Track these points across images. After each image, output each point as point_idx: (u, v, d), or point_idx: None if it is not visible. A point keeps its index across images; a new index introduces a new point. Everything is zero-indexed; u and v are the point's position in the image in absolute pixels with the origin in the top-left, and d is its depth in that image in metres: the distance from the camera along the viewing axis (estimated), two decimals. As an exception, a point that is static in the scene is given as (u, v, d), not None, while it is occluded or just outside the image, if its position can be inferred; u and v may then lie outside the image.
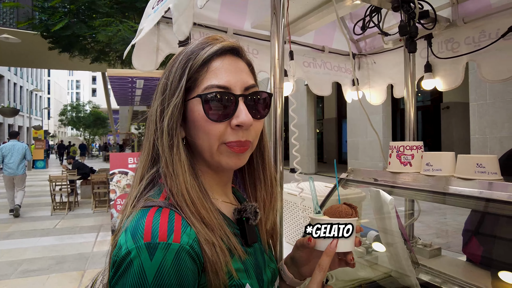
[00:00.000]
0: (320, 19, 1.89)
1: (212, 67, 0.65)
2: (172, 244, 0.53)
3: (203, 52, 0.66)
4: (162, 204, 0.60)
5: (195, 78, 0.65)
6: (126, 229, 0.57)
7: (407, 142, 1.25)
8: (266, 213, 0.78)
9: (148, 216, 0.57)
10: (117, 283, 0.53)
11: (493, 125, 7.29)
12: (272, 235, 0.82)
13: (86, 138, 43.33)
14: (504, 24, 1.83)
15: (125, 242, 0.54)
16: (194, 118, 0.65)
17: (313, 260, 0.78)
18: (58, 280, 4.14)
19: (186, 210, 0.59)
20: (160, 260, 0.51)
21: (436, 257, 1.73)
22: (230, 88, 0.64)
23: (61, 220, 7.09)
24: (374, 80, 2.75)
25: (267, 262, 0.76)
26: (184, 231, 0.56)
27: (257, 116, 0.68)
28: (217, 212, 0.65)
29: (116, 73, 6.18)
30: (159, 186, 0.65)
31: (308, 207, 1.85)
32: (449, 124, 11.04)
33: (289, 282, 0.82)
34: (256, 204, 0.73)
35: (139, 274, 0.51)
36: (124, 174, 5.42)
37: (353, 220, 0.71)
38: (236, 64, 0.68)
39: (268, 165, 0.79)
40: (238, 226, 0.70)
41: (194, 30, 2.07)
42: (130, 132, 24.14)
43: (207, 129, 0.64)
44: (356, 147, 12.11)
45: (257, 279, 0.67)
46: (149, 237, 0.53)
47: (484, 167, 1.00)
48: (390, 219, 1.36)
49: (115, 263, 0.55)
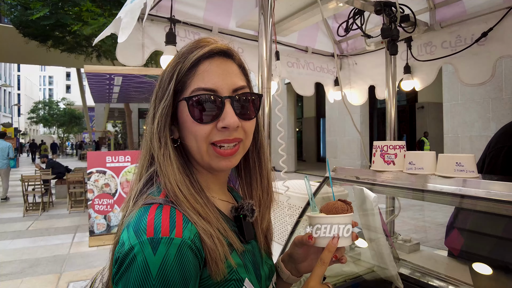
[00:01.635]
0: (305, 20, 1.92)
1: (199, 70, 0.66)
2: (174, 238, 0.54)
3: (192, 55, 0.67)
4: (163, 202, 0.61)
5: (183, 81, 0.67)
6: (128, 225, 0.58)
7: (391, 141, 1.30)
8: (262, 212, 0.79)
9: (150, 213, 0.58)
10: (121, 279, 0.54)
11: (464, 125, 7.63)
12: (266, 234, 0.83)
13: (60, 136, 41.77)
14: (478, 29, 1.93)
15: (128, 238, 0.55)
16: (183, 119, 0.68)
17: (311, 257, 0.80)
18: (32, 284, 3.99)
19: (181, 205, 0.61)
20: (164, 254, 0.53)
21: (415, 251, 1.80)
22: (216, 91, 0.66)
23: (34, 222, 6.82)
24: (355, 81, 2.82)
25: (265, 259, 0.78)
26: (185, 226, 0.57)
27: (246, 117, 0.69)
28: (213, 207, 0.67)
29: (93, 69, 6.00)
30: (158, 184, 0.67)
31: (293, 205, 1.88)
32: (423, 123, 11.45)
33: (286, 279, 0.84)
34: (253, 202, 0.74)
35: (143, 269, 0.52)
36: (102, 173, 5.28)
37: (349, 216, 0.74)
38: (225, 66, 0.68)
39: (265, 164, 0.80)
40: (235, 223, 0.72)
41: (179, 28, 2.05)
42: (107, 130, 23.53)
43: (194, 130, 0.66)
44: (335, 145, 12.34)
45: (255, 274, 0.68)
46: (152, 232, 0.54)
47: (463, 166, 1.05)
48: (373, 216, 1.41)
49: (118, 259, 0.55)
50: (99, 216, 5.23)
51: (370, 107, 12.00)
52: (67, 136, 42.55)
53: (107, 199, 5.27)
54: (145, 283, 0.52)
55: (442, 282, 1.49)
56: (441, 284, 1.49)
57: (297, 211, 1.85)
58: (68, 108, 38.27)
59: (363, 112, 11.36)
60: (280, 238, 1.98)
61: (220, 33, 2.17)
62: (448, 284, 1.47)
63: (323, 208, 0.76)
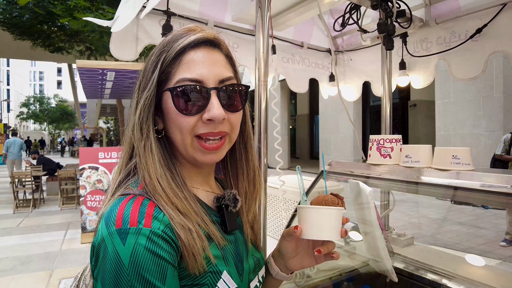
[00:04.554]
0: (301, 15, 1.91)
1: (184, 59, 0.64)
2: (142, 228, 0.54)
3: (177, 44, 0.65)
4: (138, 193, 0.61)
5: (168, 71, 0.65)
6: (102, 216, 0.59)
7: (387, 135, 1.31)
8: (248, 204, 0.78)
9: (122, 204, 0.58)
10: (99, 271, 0.55)
11: (456, 123, 7.72)
12: (252, 226, 0.81)
13: (51, 133, 41.15)
14: (472, 26, 1.94)
15: (100, 229, 0.57)
16: (167, 110, 0.66)
17: (301, 253, 0.79)
18: (24, 281, 3.94)
19: (159, 199, 0.60)
20: (133, 244, 0.53)
21: (409, 246, 1.82)
22: (202, 81, 0.64)
23: (25, 218, 6.73)
24: (350, 76, 2.82)
25: (251, 251, 0.77)
26: (155, 217, 0.57)
27: (232, 109, 0.67)
28: (194, 200, 0.66)
29: (85, 64, 5.91)
30: (137, 176, 0.66)
31: (289, 199, 1.88)
32: (415, 121, 11.56)
33: (275, 275, 0.82)
34: (235, 191, 0.73)
35: (115, 259, 0.53)
36: (94, 170, 5.23)
37: (338, 209, 0.73)
38: (211, 56, 0.66)
39: (251, 157, 0.79)
40: (218, 213, 0.71)
41: (174, 22, 2.03)
42: (99, 127, 23.28)
43: (178, 122, 0.64)
44: (328, 143, 12.39)
45: (236, 266, 0.67)
46: (120, 223, 0.55)
47: (459, 159, 1.06)
48: (369, 209, 1.41)
49: (94, 248, 0.57)
50: (91, 212, 5.19)
51: (363, 104, 12.07)
52: (58, 132, 41.96)
53: (100, 195, 5.23)
54: (119, 273, 0.52)
55: (436, 276, 1.51)
56: (435, 277, 1.51)
57: (293, 206, 1.85)
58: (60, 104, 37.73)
59: (356, 109, 11.41)
60: (275, 232, 1.99)
61: (216, 26, 2.15)
62: (442, 277, 1.49)
63: (313, 201, 0.76)
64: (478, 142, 7.22)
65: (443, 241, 4.88)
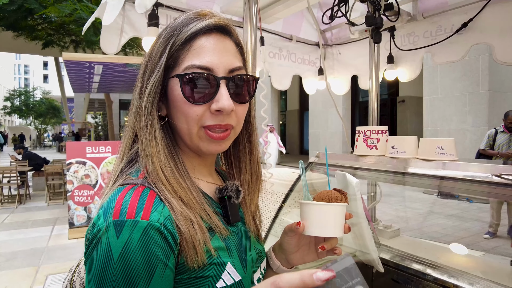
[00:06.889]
0: (289, 7, 1.90)
1: (195, 45, 0.62)
2: (140, 221, 0.52)
3: (187, 28, 0.62)
4: (139, 182, 0.59)
5: (176, 56, 0.62)
6: (101, 206, 0.57)
7: (373, 126, 1.32)
8: (250, 195, 0.77)
9: (121, 194, 0.56)
10: (88, 260, 0.54)
11: (443, 119, 7.85)
12: (254, 217, 0.80)
13: (37, 128, 40.34)
14: (458, 20, 1.97)
15: (97, 220, 0.55)
16: (174, 98, 0.63)
17: (302, 248, 0.77)
18: (9, 277, 3.87)
19: (162, 188, 0.59)
20: (127, 238, 0.51)
21: (395, 237, 1.84)
22: (212, 70, 0.61)
23: (10, 215, 6.60)
24: (339, 70, 2.84)
25: (253, 243, 0.75)
26: (155, 208, 0.55)
27: (240, 100, 0.65)
28: (197, 190, 0.64)
29: (72, 57, 5.79)
30: (139, 165, 0.64)
31: (277, 191, 1.89)
32: (404, 117, 11.71)
33: (276, 269, 0.80)
34: (238, 183, 0.72)
35: (106, 252, 0.51)
36: (82, 164, 5.15)
37: (342, 205, 0.70)
38: (222, 44, 0.64)
39: (255, 148, 0.78)
40: (220, 205, 0.70)
41: (161, 14, 2.00)
42: (87, 122, 22.92)
43: (185, 111, 0.62)
44: (318, 138, 12.48)
45: (239, 258, 0.66)
46: (118, 215, 0.53)
47: (443, 149, 1.08)
48: (355, 201, 1.42)
49: (88, 240, 0.55)
50: (79, 207, 5.12)
51: (352, 100, 12.16)
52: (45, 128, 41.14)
53: (88, 190, 5.16)
54: (106, 267, 0.51)
55: (421, 266, 1.53)
56: (420, 267, 1.53)
57: (280, 198, 1.85)
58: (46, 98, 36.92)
59: (345, 105, 11.50)
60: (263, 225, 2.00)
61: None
62: (426, 267, 1.51)
63: (316, 196, 0.73)
64: (464, 137, 7.37)
65: (429, 234, 4.97)
